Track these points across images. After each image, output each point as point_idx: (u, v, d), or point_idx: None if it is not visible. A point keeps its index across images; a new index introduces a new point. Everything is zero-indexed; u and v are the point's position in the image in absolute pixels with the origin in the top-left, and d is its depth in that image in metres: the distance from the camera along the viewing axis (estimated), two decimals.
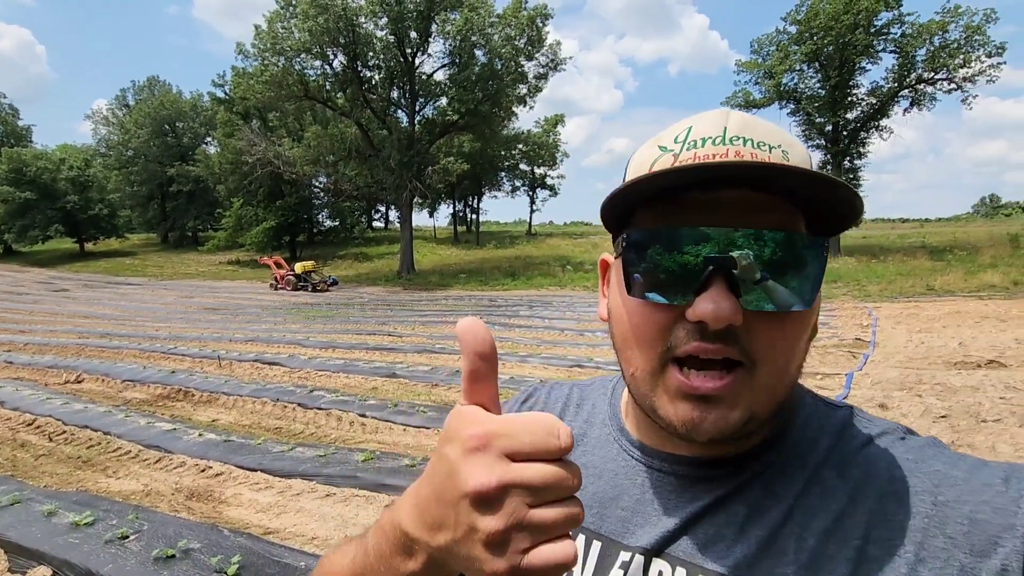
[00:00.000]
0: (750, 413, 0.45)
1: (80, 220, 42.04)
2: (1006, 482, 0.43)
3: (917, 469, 0.46)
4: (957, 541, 0.41)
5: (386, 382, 7.30)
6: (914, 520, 0.43)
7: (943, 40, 23.20)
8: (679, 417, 0.46)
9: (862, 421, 0.52)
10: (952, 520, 0.42)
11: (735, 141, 0.46)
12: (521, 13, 24.79)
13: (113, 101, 51.14)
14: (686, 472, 0.52)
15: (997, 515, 0.41)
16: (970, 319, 10.35)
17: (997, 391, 5.65)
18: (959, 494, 0.43)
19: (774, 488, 0.48)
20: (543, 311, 14.61)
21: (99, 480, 4.48)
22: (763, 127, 0.48)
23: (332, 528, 3.58)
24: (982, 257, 19.63)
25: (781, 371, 0.46)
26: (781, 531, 0.46)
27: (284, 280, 24.71)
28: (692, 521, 0.50)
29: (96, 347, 10.52)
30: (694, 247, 0.44)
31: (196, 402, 6.72)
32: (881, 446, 0.49)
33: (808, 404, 0.54)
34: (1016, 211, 67.88)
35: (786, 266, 0.44)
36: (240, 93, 27.20)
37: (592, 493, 0.56)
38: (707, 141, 0.47)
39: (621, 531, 0.53)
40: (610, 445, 0.59)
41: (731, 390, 0.44)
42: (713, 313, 0.42)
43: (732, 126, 0.47)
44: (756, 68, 26.96)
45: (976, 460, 0.46)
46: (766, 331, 0.44)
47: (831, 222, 0.47)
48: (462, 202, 48.36)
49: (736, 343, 0.44)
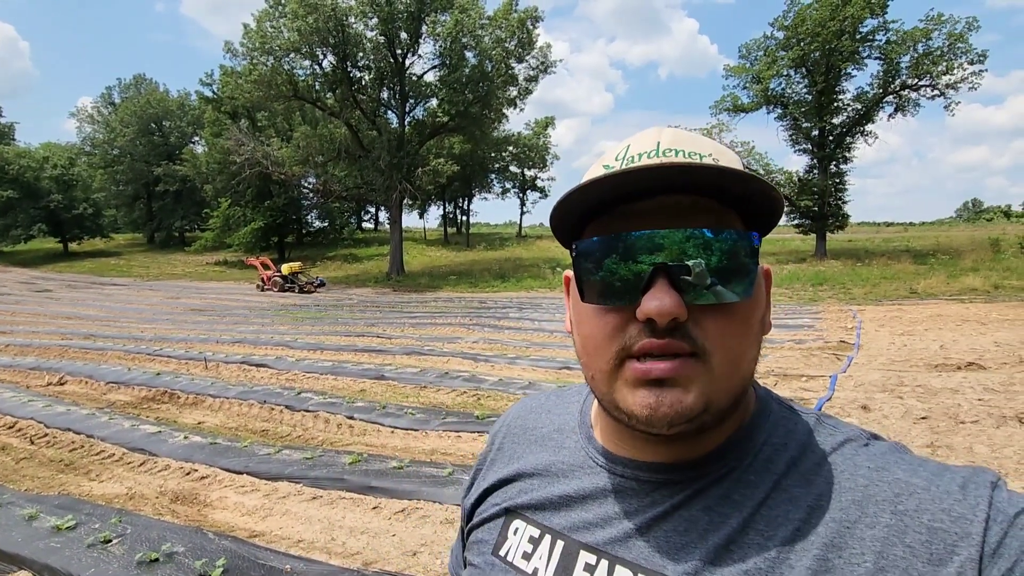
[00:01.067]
0: (705, 399, 0.47)
1: (64, 219, 41.43)
2: (963, 489, 0.44)
3: (879, 478, 0.47)
4: (916, 550, 0.42)
5: (374, 384, 7.27)
6: (874, 530, 0.44)
7: (927, 47, 23.60)
8: (637, 403, 0.47)
9: (827, 428, 0.53)
10: (911, 529, 0.43)
11: (667, 153, 0.50)
12: (511, 15, 24.84)
13: (98, 99, 50.49)
14: (648, 477, 0.53)
15: (955, 524, 0.42)
16: (951, 322, 10.53)
17: (976, 393, 5.76)
18: (919, 503, 0.44)
19: (734, 495, 0.50)
20: (532, 313, 14.64)
21: (82, 483, 4.43)
22: (694, 139, 0.52)
23: (318, 531, 3.57)
24: (964, 261, 19.97)
25: (733, 361, 0.48)
26: (741, 539, 0.47)
27: (271, 281, 24.54)
28: (652, 526, 0.51)
29: (80, 348, 10.37)
30: (635, 251, 0.47)
31: (182, 404, 6.66)
32: (845, 454, 0.50)
33: (774, 411, 0.55)
34: (997, 216, 69.16)
35: (727, 259, 0.47)
36: (228, 92, 26.99)
37: (559, 496, 0.58)
38: (643, 155, 0.51)
39: (584, 534, 0.54)
40: (578, 452, 0.61)
41: (683, 372, 0.46)
42: (657, 309, 0.45)
43: (664, 140, 0.51)
44: (744, 73, 27.25)
45: (936, 466, 0.47)
46: (712, 323, 0.47)
47: (762, 219, 0.50)
48: (452, 204, 48.29)
49: (685, 336, 0.46)
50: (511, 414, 0.74)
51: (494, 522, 0.62)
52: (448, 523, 3.61)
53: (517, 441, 0.68)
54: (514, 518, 0.60)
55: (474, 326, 12.46)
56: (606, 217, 0.51)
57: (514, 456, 0.67)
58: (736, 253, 0.47)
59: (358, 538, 3.47)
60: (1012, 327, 9.65)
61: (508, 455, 0.68)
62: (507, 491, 0.63)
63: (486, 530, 0.63)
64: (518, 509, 0.60)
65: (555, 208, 0.51)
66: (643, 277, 0.47)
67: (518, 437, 0.69)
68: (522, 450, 0.67)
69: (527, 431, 0.69)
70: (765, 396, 0.56)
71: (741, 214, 0.50)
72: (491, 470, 0.68)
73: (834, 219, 26.06)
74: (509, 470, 0.65)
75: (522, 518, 0.59)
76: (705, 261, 0.46)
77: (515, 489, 0.63)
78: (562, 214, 0.51)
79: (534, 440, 0.66)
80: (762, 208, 0.49)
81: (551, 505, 0.58)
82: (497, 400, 6.40)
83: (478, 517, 0.65)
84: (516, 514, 0.60)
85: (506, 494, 0.63)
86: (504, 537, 0.60)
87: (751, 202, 0.48)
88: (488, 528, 0.63)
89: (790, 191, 26.43)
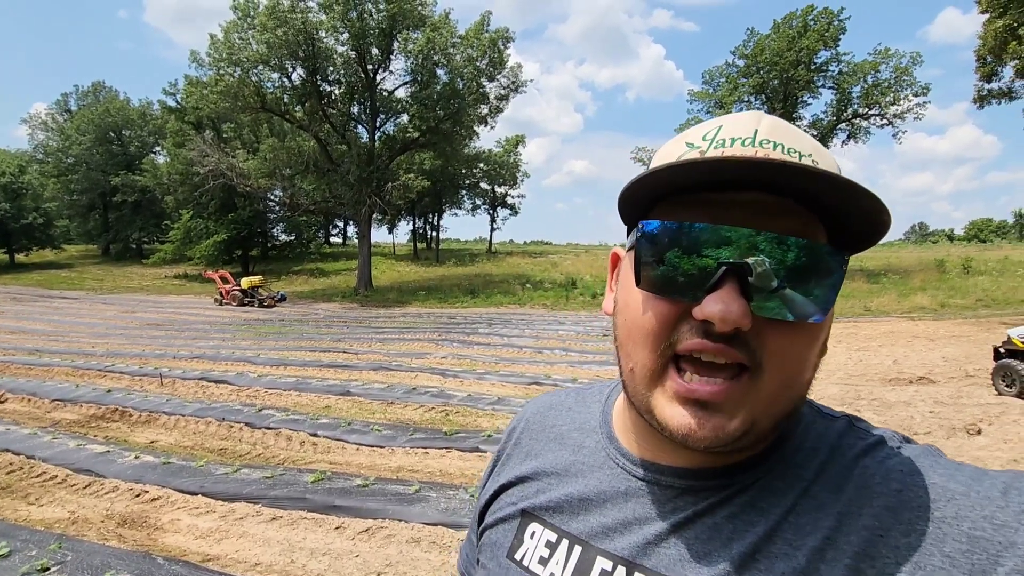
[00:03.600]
0: (751, 423, 0.43)
1: (11, 229, 39.39)
2: (1005, 495, 0.40)
3: (913, 483, 0.43)
4: (956, 560, 0.39)
5: (340, 400, 7.09)
6: (910, 538, 0.40)
7: (875, 79, 25.08)
8: (676, 422, 0.44)
9: (859, 431, 0.50)
10: (950, 538, 0.39)
11: (765, 144, 0.45)
12: (483, 35, 25.17)
13: (53, 105, 48.66)
14: (671, 482, 0.51)
15: (997, 532, 0.39)
16: (903, 338, 11.00)
17: (927, 405, 6.00)
18: (957, 509, 0.41)
19: (760, 503, 0.47)
20: (502, 329, 14.60)
21: (19, 508, 4.14)
22: (795, 133, 0.47)
23: (277, 553, 3.42)
24: (913, 281, 20.97)
25: (787, 383, 0.44)
26: (768, 547, 0.44)
27: (230, 295, 23.80)
28: (673, 532, 0.48)
29: (23, 364, 9.81)
30: (710, 245, 0.43)
31: (133, 423, 6.34)
32: (877, 458, 0.46)
33: (805, 415, 0.52)
34: (942, 239, 73.03)
35: (805, 274, 0.42)
36: (193, 103, 26.39)
37: (578, 498, 0.55)
38: (736, 141, 0.46)
39: (602, 539, 0.51)
40: (598, 452, 0.58)
41: (732, 396, 0.43)
42: (720, 314, 0.41)
43: (763, 129, 0.46)
44: (707, 98, 28.31)
45: (974, 470, 0.44)
46: (776, 339, 0.43)
47: (853, 237, 0.45)
48: (422, 219, 48.10)
49: (744, 347, 0.42)
50: (529, 409, 0.71)
51: (510, 523, 0.59)
52: (414, 542, 3.51)
53: (535, 437, 0.66)
54: (531, 520, 0.57)
55: (443, 341, 12.34)
56: (679, 201, 0.46)
57: (532, 452, 0.64)
58: (822, 269, 0.42)
59: (319, 560, 3.34)
60: (958, 343, 10.14)
61: (525, 451, 0.65)
62: (524, 490, 0.61)
63: (501, 531, 0.60)
64: (535, 511, 0.58)
65: (631, 185, 0.46)
66: (711, 275, 0.42)
67: (536, 433, 0.66)
68: (540, 447, 0.64)
69: (546, 428, 0.66)
70: None
71: (828, 227, 0.45)
72: (507, 465, 0.66)
73: None
74: (526, 467, 0.63)
75: (539, 521, 0.57)
76: (784, 272, 0.42)
77: (532, 488, 0.60)
78: (637, 192, 0.47)
79: (553, 438, 0.64)
80: (859, 226, 0.43)
81: (569, 508, 0.55)
82: (465, 416, 6.32)
83: (492, 516, 0.62)
84: (533, 516, 0.58)
85: (522, 493, 0.61)
86: (520, 540, 0.57)
87: (847, 216, 0.43)
88: (503, 530, 0.60)
89: None
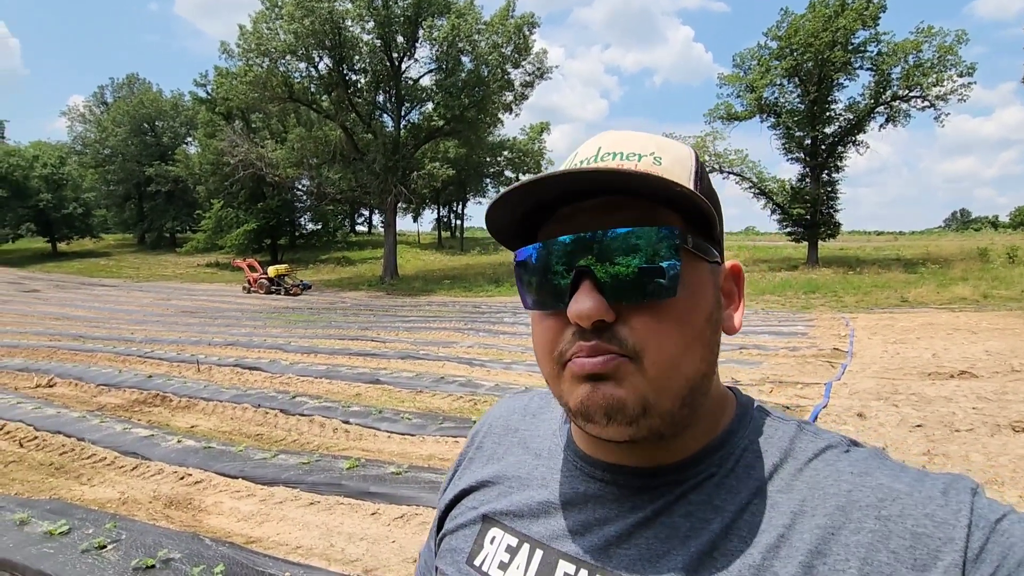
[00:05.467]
0: (642, 400, 0.46)
1: (53, 219, 40.99)
2: (945, 495, 0.44)
3: (862, 483, 0.46)
4: (900, 556, 0.42)
5: (369, 388, 7.23)
6: (859, 536, 0.43)
7: (917, 59, 23.93)
8: (575, 399, 0.48)
9: (808, 435, 0.53)
10: (895, 535, 0.43)
11: (606, 157, 0.50)
12: (508, 21, 24.94)
13: (90, 98, 50.19)
14: (627, 482, 0.52)
15: (938, 529, 0.42)
16: (942, 331, 10.64)
17: (969, 401, 5.81)
18: (902, 508, 0.44)
19: (715, 500, 0.49)
20: (527, 318, 14.57)
21: (73, 488, 4.35)
22: (636, 140, 0.52)
23: (316, 537, 3.53)
24: (953, 271, 20.20)
25: (669, 361, 0.46)
26: (724, 545, 0.46)
27: (257, 283, 24.41)
28: (632, 533, 0.50)
29: (69, 350, 10.24)
30: (557, 257, 0.48)
31: (174, 408, 6.58)
32: (827, 460, 0.50)
33: (755, 417, 0.55)
34: (985, 226, 70.14)
35: (642, 256, 0.46)
36: (223, 93, 26.84)
37: (539, 502, 0.56)
38: (584, 162, 0.51)
39: (564, 542, 0.53)
40: (558, 455, 0.60)
41: (613, 368, 0.46)
42: (577, 312, 0.45)
43: (606, 144, 0.52)
44: (738, 82, 27.48)
45: (917, 472, 0.48)
46: (642, 323, 0.46)
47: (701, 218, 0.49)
48: (447, 208, 48.30)
49: (613, 338, 0.46)
50: (493, 413, 0.72)
51: (470, 529, 0.59)
52: None
53: (499, 441, 0.67)
54: (492, 525, 0.58)
55: (469, 330, 12.42)
56: (545, 223, 0.51)
57: (494, 456, 0.65)
58: (656, 250, 0.46)
59: (357, 544, 3.43)
60: (1002, 336, 9.77)
61: (488, 455, 0.66)
62: (485, 494, 0.61)
63: (460, 537, 0.60)
64: (496, 515, 0.58)
65: (487, 215, 0.50)
66: (568, 282, 0.47)
67: (500, 437, 0.67)
68: (503, 451, 0.65)
69: (509, 432, 0.67)
70: (746, 403, 0.56)
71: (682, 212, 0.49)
72: (468, 470, 0.66)
73: (826, 227, 26.30)
74: (487, 472, 0.63)
75: (500, 526, 0.57)
76: (627, 260, 0.46)
77: (493, 492, 0.61)
78: (495, 219, 0.51)
79: (517, 442, 0.65)
80: (692, 210, 0.48)
81: (530, 512, 0.56)
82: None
83: (452, 522, 0.63)
84: (494, 521, 0.58)
85: (483, 497, 0.61)
86: (480, 546, 0.57)
87: (681, 203, 0.47)
88: (463, 535, 0.60)
89: (783, 199, 26.69)
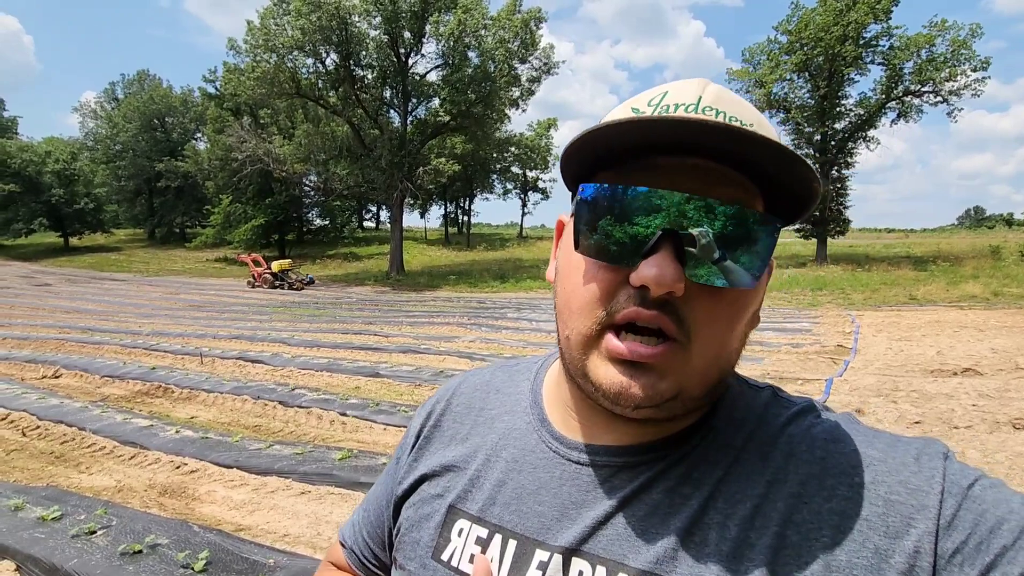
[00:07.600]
0: (679, 388, 0.44)
1: (65, 214, 41.53)
2: (918, 460, 0.43)
3: (835, 450, 0.45)
4: (873, 523, 0.41)
5: (369, 381, 7.26)
6: (832, 503, 0.42)
7: (930, 54, 23.56)
8: (608, 380, 0.44)
9: (783, 400, 0.52)
10: (868, 502, 0.42)
11: (708, 111, 0.45)
12: (515, 16, 24.86)
13: (101, 94, 50.73)
14: (606, 462, 0.50)
15: (911, 496, 0.41)
16: (949, 328, 10.50)
17: (970, 398, 5.74)
18: (875, 475, 0.43)
19: (694, 474, 0.47)
20: (530, 313, 14.61)
21: (71, 476, 4.42)
22: (739, 102, 0.47)
23: (304, 525, 3.56)
24: (964, 268, 19.93)
25: (716, 351, 0.45)
26: (703, 520, 0.45)
27: (261, 278, 24.61)
28: (611, 514, 0.48)
29: (76, 342, 10.37)
30: (642, 212, 0.43)
31: (175, 399, 6.65)
32: (802, 427, 0.48)
33: (732, 387, 0.53)
34: (999, 223, 69.07)
35: (735, 242, 0.42)
36: (231, 89, 27.04)
37: (511, 488, 0.53)
38: (680, 107, 0.45)
39: (538, 528, 0.50)
40: (530, 435, 0.56)
41: (663, 360, 0.43)
42: (655, 278, 0.41)
43: (707, 96, 0.46)
44: (747, 77, 27.22)
45: (891, 437, 0.46)
46: (706, 306, 0.43)
47: (789, 206, 0.46)
48: (453, 203, 48.32)
49: (674, 313, 0.43)
50: (451, 388, 0.67)
51: (433, 520, 0.55)
52: None
53: (460, 420, 0.62)
54: (458, 517, 0.54)
55: (472, 326, 12.45)
56: (619, 166, 0.46)
57: (456, 437, 0.60)
58: (752, 237, 0.43)
59: None
60: (1010, 334, 9.63)
61: (449, 435, 0.61)
62: (449, 480, 0.57)
63: (424, 529, 0.56)
64: (462, 506, 0.54)
65: (568, 146, 0.45)
66: (648, 239, 0.42)
67: (461, 416, 0.62)
68: (466, 431, 0.60)
69: (472, 411, 0.62)
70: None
71: (766, 196, 0.45)
72: (426, 451, 0.62)
73: (835, 224, 26.05)
74: (450, 455, 0.59)
75: (467, 516, 0.54)
76: (724, 239, 0.42)
77: (458, 479, 0.56)
78: (575, 154, 0.46)
79: (482, 422, 0.60)
80: (795, 196, 0.44)
81: (501, 499, 0.53)
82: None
83: (412, 510, 0.58)
84: (460, 512, 0.54)
85: (447, 484, 0.57)
86: (447, 539, 0.54)
87: (784, 187, 0.43)
88: (426, 528, 0.56)
89: None
